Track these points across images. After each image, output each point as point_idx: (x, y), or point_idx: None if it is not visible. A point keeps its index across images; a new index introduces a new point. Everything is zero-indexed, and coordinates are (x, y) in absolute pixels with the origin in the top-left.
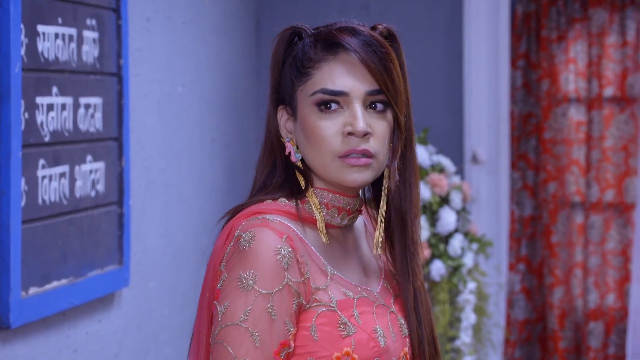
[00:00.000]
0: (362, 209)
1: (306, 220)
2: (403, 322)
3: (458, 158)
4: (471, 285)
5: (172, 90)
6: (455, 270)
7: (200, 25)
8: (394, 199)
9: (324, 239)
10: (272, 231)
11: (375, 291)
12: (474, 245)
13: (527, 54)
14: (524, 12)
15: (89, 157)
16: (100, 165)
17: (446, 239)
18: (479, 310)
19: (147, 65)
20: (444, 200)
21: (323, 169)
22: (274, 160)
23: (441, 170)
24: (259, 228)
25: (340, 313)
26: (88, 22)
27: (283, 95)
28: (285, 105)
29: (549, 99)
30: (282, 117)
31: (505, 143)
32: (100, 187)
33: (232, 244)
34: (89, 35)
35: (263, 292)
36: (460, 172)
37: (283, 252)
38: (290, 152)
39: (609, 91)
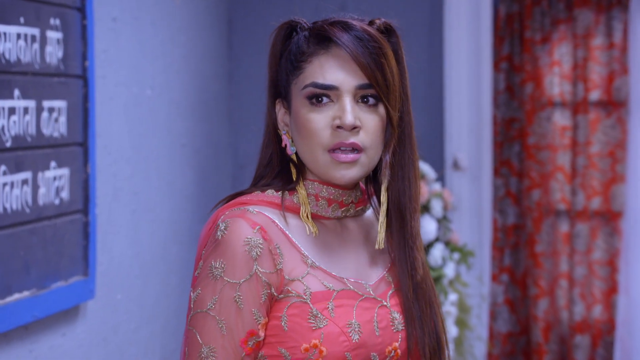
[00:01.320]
0: (363, 200)
1: (292, 211)
2: (397, 316)
3: (438, 164)
4: (452, 296)
5: (140, 93)
6: (435, 281)
7: (169, 26)
8: (392, 194)
9: (308, 230)
10: (246, 222)
11: (368, 284)
12: (455, 255)
13: (510, 56)
14: (506, 12)
15: (52, 163)
16: (64, 171)
17: (426, 248)
18: (461, 323)
19: (113, 67)
20: (424, 208)
21: (313, 162)
22: (272, 152)
23: (421, 177)
24: (234, 218)
25: (311, 305)
26: (52, 21)
27: (280, 89)
28: (282, 98)
29: (533, 103)
30: (280, 110)
31: (487, 149)
32: (64, 194)
33: (213, 232)
34: (53, 35)
35: (230, 281)
36: (440, 178)
37: (252, 242)
38: (286, 145)
39: (595, 95)
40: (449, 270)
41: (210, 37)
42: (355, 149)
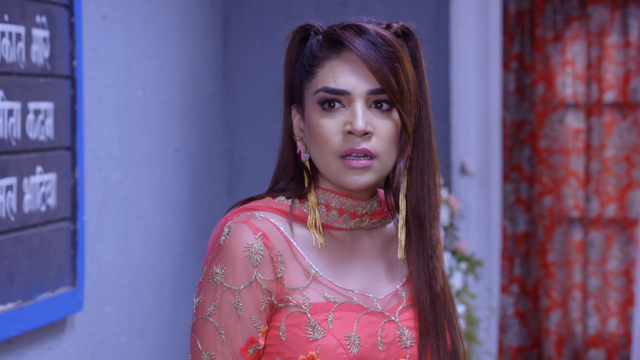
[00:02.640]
0: (381, 213)
1: (300, 220)
2: (407, 332)
3: (445, 169)
4: (460, 308)
5: (131, 95)
6: None
7: (162, 23)
8: (411, 201)
9: (314, 240)
10: (249, 227)
11: (376, 298)
12: (463, 265)
13: (521, 55)
14: (516, 9)
15: (39, 169)
16: (51, 177)
17: None
18: (469, 337)
19: (103, 67)
20: None
21: (325, 168)
22: (287, 158)
23: None
24: (237, 224)
25: (310, 315)
26: (38, 19)
27: (294, 94)
28: (297, 104)
29: (544, 104)
30: (295, 116)
31: (496, 153)
32: (51, 201)
33: (218, 237)
34: (39, 33)
35: (230, 287)
36: (447, 184)
37: (253, 249)
38: (300, 151)
39: (609, 96)
40: (456, 281)
41: (205, 35)
42: (367, 155)
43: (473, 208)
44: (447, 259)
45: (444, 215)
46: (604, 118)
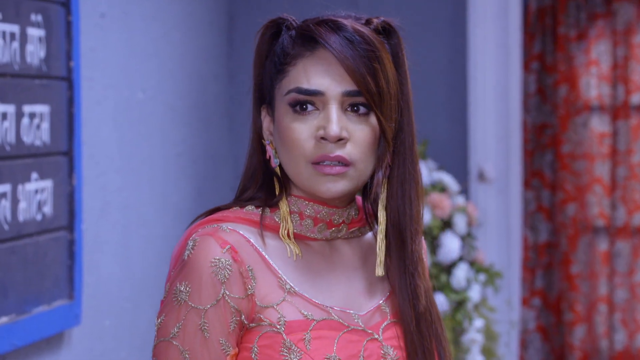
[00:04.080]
0: (360, 221)
1: (272, 230)
2: (392, 352)
3: (462, 175)
4: (478, 322)
5: (131, 97)
6: (459, 305)
7: (163, 22)
8: (391, 213)
9: (289, 252)
10: (215, 240)
11: (358, 314)
12: (481, 277)
13: (542, 55)
14: (538, 6)
15: (34, 175)
16: (47, 183)
17: (449, 268)
18: (488, 352)
19: (101, 68)
20: (446, 224)
21: (297, 175)
22: (255, 163)
23: (443, 189)
24: (203, 237)
25: (285, 335)
26: (33, 17)
27: (264, 94)
28: (267, 105)
29: (567, 107)
30: (265, 118)
31: (516, 158)
32: (47, 209)
33: (182, 252)
34: (34, 33)
35: (195, 306)
36: (464, 191)
37: (220, 264)
38: (270, 156)
39: (636, 98)
40: (474, 294)
41: (209, 33)
42: (342, 162)
43: (492, 216)
44: (464, 270)
45: (461, 224)
46: (630, 121)
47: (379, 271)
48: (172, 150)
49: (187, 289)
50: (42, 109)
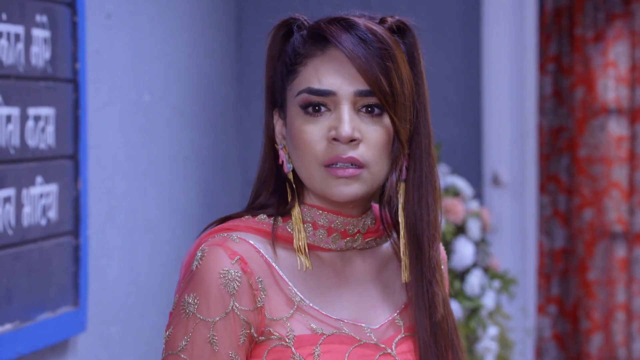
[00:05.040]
0: (376, 231)
1: (284, 240)
2: None
3: (476, 180)
4: (492, 330)
5: (138, 99)
6: (473, 312)
7: (170, 22)
8: (408, 219)
9: (300, 264)
10: (224, 251)
11: (370, 328)
12: (496, 283)
13: (558, 56)
14: (554, 7)
15: (39, 179)
16: (52, 188)
17: (462, 275)
18: None
19: (107, 70)
20: (460, 230)
21: (309, 179)
22: (268, 168)
23: (456, 194)
24: (212, 247)
25: (294, 350)
26: (38, 18)
27: (276, 96)
28: (279, 108)
29: (584, 109)
30: (278, 121)
31: (531, 162)
32: (52, 214)
33: (191, 262)
34: (39, 34)
35: (204, 319)
36: (478, 196)
37: (229, 275)
38: (283, 161)
39: None
40: (489, 301)
41: (217, 34)
42: (355, 164)
43: (507, 222)
44: (478, 276)
45: (474, 230)
46: None
47: (405, 277)
48: (180, 154)
49: (195, 301)
50: (47, 111)
